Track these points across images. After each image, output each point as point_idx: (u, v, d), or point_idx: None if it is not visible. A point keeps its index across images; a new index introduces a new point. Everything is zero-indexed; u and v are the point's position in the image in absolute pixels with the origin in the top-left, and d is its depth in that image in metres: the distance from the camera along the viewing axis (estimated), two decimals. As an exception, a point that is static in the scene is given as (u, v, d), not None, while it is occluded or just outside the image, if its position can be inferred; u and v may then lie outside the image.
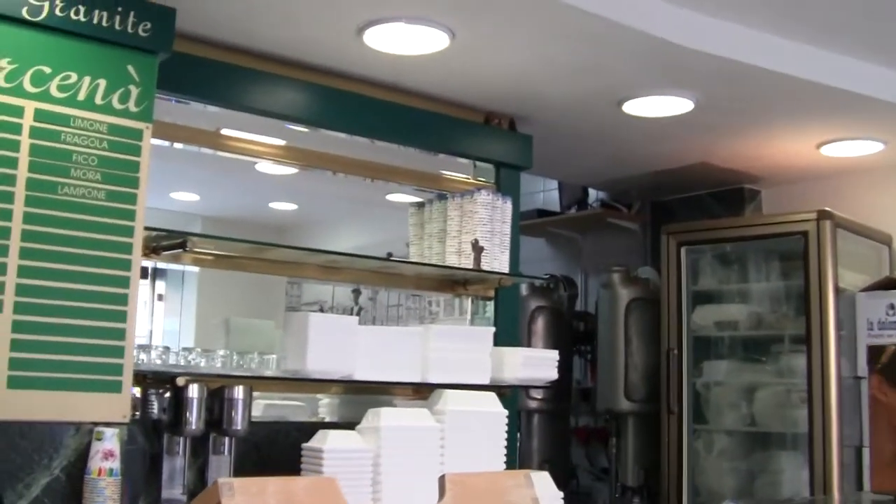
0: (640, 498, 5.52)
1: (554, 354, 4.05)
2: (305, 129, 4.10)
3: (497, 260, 4.13)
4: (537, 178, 6.33)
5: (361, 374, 3.55)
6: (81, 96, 3.11)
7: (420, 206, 4.34)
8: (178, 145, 3.82)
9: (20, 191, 2.98)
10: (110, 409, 3.03)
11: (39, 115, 3.04)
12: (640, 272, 5.80)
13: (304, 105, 3.95)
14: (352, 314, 4.86)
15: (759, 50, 3.89)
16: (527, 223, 5.66)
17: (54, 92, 3.07)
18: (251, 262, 3.82)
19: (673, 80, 4.12)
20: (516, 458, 4.38)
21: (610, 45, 3.73)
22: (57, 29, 3.06)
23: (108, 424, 3.00)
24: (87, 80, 3.12)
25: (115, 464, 2.96)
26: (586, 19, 3.45)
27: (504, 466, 3.64)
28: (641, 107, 4.41)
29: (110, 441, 2.97)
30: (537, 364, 4.01)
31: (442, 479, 1.22)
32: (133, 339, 3.11)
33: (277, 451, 3.45)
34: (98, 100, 3.14)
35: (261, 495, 1.09)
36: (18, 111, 3.01)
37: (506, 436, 3.69)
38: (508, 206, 4.23)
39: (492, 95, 4.35)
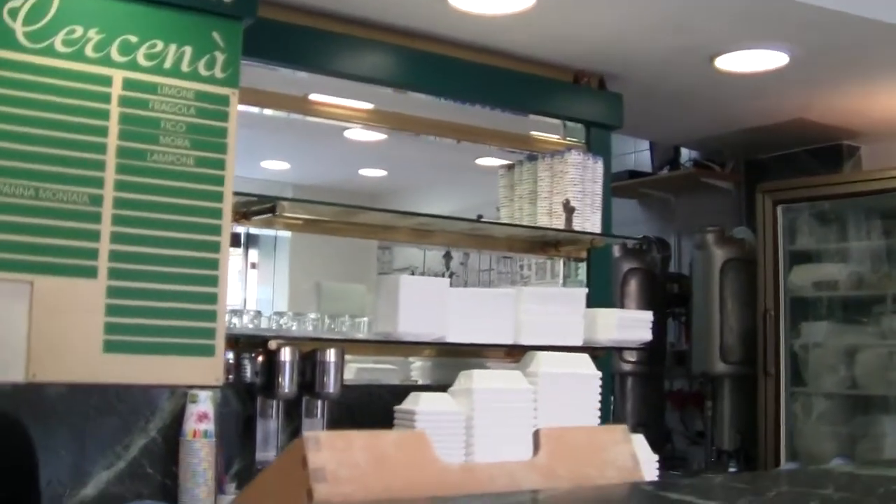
0: (737, 462, 5.44)
1: (648, 316, 3.99)
2: (393, 93, 4.07)
3: (589, 221, 4.07)
4: (628, 139, 6.23)
5: (453, 337, 3.52)
6: (168, 64, 3.13)
7: (510, 167, 4.30)
8: (267, 112, 3.82)
9: (111, 159, 3.01)
10: (204, 372, 3.06)
11: (127, 84, 3.06)
12: (735, 232, 5.69)
13: (391, 68, 3.93)
14: (443, 278, 4.86)
15: (858, -3, 3.77)
16: (618, 184, 5.58)
17: (141, 60, 3.09)
18: (342, 227, 3.82)
19: (767, 33, 4.00)
20: (610, 420, 4.33)
21: (701, -2, 3.63)
22: (143, -2, 3.08)
23: (202, 387, 3.04)
24: (172, 47, 3.14)
25: (210, 426, 2.99)
26: (676, -29, 3.37)
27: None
28: (734, 62, 4.29)
29: (204, 404, 3.00)
30: (631, 325, 3.95)
31: (537, 434, 1.19)
32: (225, 303, 3.13)
33: (370, 413, 3.45)
34: (184, 67, 3.16)
35: (348, 450, 1.07)
36: (107, 81, 3.03)
37: (599, 398, 3.64)
38: (599, 166, 4.16)
39: (580, 54, 4.28)
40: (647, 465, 3.46)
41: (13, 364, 2.82)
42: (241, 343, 3.23)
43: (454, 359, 3.84)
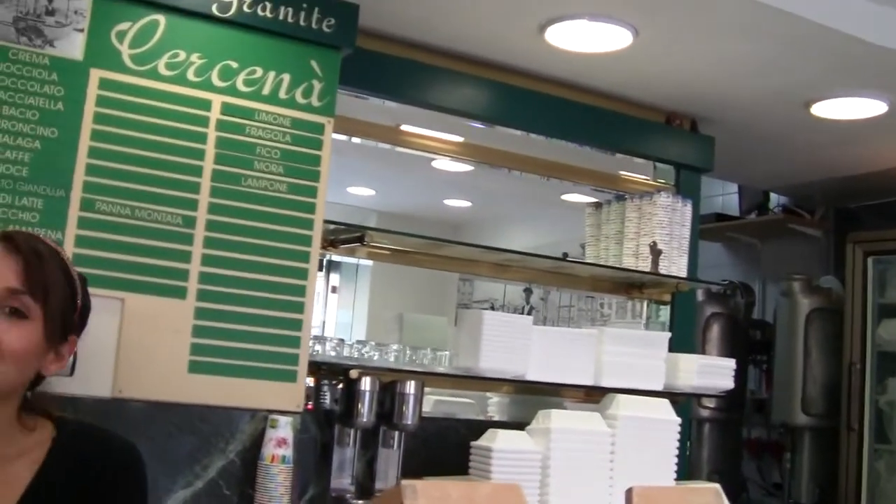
0: (814, 516, 5.33)
1: (731, 363, 3.93)
2: (483, 126, 4.08)
3: (675, 264, 4.03)
4: (717, 181, 6.17)
5: (533, 375, 3.51)
6: (266, 90, 3.18)
7: (597, 206, 4.28)
8: (356, 140, 3.86)
9: (206, 182, 3.06)
10: (285, 397, 3.09)
11: (226, 109, 3.12)
12: (823, 281, 5.59)
13: (482, 102, 3.94)
14: (523, 313, 4.85)
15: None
16: (705, 227, 5.52)
17: (240, 86, 3.14)
18: (425, 258, 3.83)
19: (866, 81, 3.94)
20: (686, 467, 4.28)
21: (799, 44, 3.58)
22: (244, 25, 3.13)
23: (282, 412, 3.05)
24: (271, 74, 3.19)
25: (288, 451, 3.00)
26: (775, 16, 3.33)
27: (674, 475, 3.55)
28: (830, 109, 4.23)
29: (284, 429, 3.02)
30: (713, 372, 3.89)
31: (629, 492, 1.18)
32: (309, 331, 3.16)
33: (446, 447, 3.44)
34: (282, 94, 3.20)
35: (444, 500, 1.07)
36: (206, 104, 3.09)
37: (677, 444, 3.60)
38: (688, 208, 4.13)
39: (674, 95, 4.25)
40: (724, 516, 3.41)
41: (100, 379, 2.87)
42: (323, 370, 3.25)
43: (533, 397, 3.82)
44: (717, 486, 1.26)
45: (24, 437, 1.74)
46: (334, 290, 6.13)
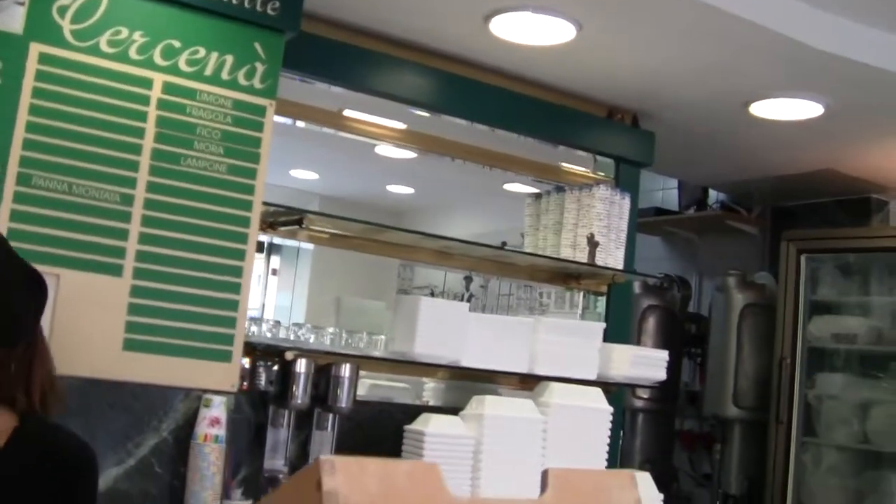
0: (743, 507, 5.42)
1: (664, 355, 3.99)
2: (427, 114, 4.10)
3: (612, 256, 4.09)
4: (657, 176, 6.24)
5: (469, 361, 3.54)
6: (209, 71, 3.17)
7: (537, 197, 4.32)
8: (300, 124, 3.86)
9: (145, 160, 3.05)
10: (220, 377, 3.10)
11: (167, 88, 3.11)
12: (757, 277, 5.68)
13: (426, 90, 3.96)
14: (462, 300, 4.87)
15: (897, 56, 3.77)
16: (644, 221, 5.59)
17: (183, 66, 3.13)
18: (366, 243, 3.85)
19: (804, 83, 4.02)
20: (618, 456, 4.34)
21: (740, 45, 3.64)
22: (188, 4, 3.12)
23: (216, 392, 3.06)
24: (214, 55, 3.18)
25: (221, 431, 3.02)
26: (718, 17, 3.38)
27: (605, 464, 3.60)
28: (769, 109, 4.31)
29: (218, 409, 3.03)
30: (646, 363, 3.95)
31: (545, 473, 1.21)
32: (246, 311, 3.17)
33: (380, 431, 3.47)
34: (224, 75, 3.20)
35: (361, 475, 1.09)
36: (148, 83, 3.08)
37: (609, 433, 3.65)
38: (627, 202, 4.18)
39: (616, 90, 4.30)
40: (652, 504, 3.47)
41: (33, 355, 2.85)
42: (259, 351, 3.26)
43: (468, 383, 3.85)
44: (633, 471, 1.30)
45: None
46: (274, 272, 6.11)
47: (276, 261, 6.21)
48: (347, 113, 3.94)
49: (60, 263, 2.90)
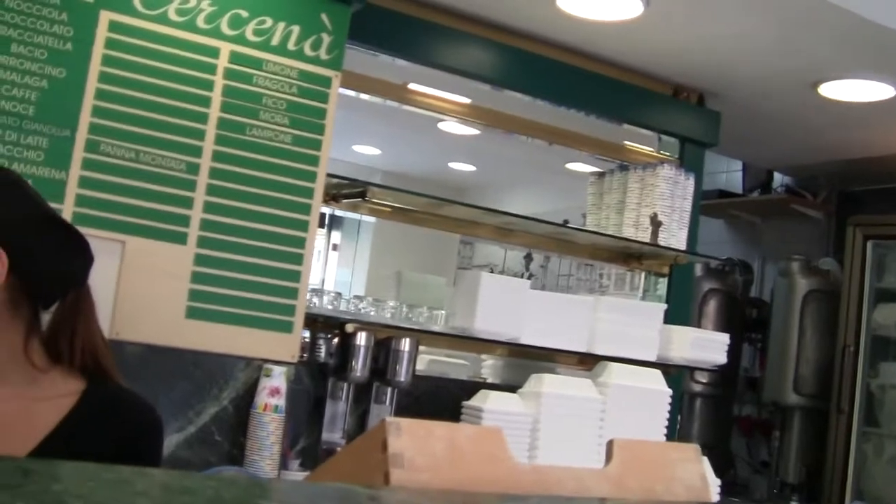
0: (800, 496, 5.36)
1: (724, 338, 3.96)
2: (490, 89, 4.08)
3: (674, 237, 4.05)
4: (721, 158, 6.16)
5: (528, 339, 3.53)
6: (275, 41, 3.18)
7: (600, 175, 4.29)
8: (364, 97, 3.86)
9: (211, 130, 3.07)
10: (280, 347, 3.11)
11: (234, 58, 3.12)
12: (822, 263, 5.60)
13: (491, 64, 3.93)
14: (522, 278, 4.87)
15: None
16: (707, 203, 5.52)
17: (249, 35, 3.14)
18: (427, 218, 3.84)
19: (875, 64, 3.93)
20: (675, 439, 4.30)
21: (810, 23, 3.58)
22: (257, -27, 3.13)
23: (276, 362, 3.08)
24: (281, 25, 3.19)
25: (281, 401, 3.03)
26: (790, -6, 3.33)
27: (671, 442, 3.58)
28: (838, 90, 4.22)
29: (278, 379, 3.04)
30: (706, 346, 3.92)
31: (610, 444, 1.21)
32: (307, 283, 3.18)
33: (438, 406, 3.47)
34: (291, 45, 3.20)
35: (427, 438, 1.08)
36: (214, 52, 3.09)
37: (667, 416, 3.63)
38: (691, 182, 4.14)
39: (682, 68, 4.25)
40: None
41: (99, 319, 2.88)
42: (319, 323, 3.27)
43: (526, 361, 3.84)
44: (697, 445, 1.28)
45: (44, 379, 1.73)
46: (335, 247, 6.15)
47: (336, 236, 6.26)
48: (411, 86, 3.93)
49: (126, 230, 2.93)
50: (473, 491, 1.11)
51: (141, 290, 2.94)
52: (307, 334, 3.23)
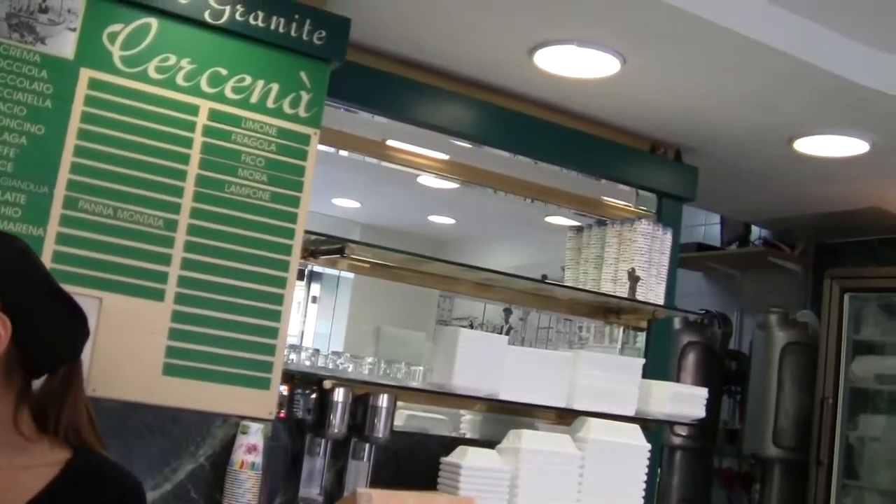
0: (781, 549, 5.35)
1: (703, 392, 3.96)
2: (469, 145, 4.11)
3: (653, 291, 4.06)
4: (699, 211, 6.21)
5: (507, 394, 3.53)
6: (254, 99, 3.20)
7: (578, 230, 4.31)
8: (343, 152, 3.88)
9: (189, 186, 3.07)
10: (258, 404, 3.10)
11: (213, 115, 3.13)
12: (800, 316, 5.63)
13: (469, 121, 3.97)
14: (502, 332, 4.87)
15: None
16: (685, 256, 5.56)
17: (229, 93, 3.16)
18: (406, 273, 3.85)
19: (850, 120, 3.99)
20: (654, 493, 4.30)
21: (785, 80, 3.63)
22: (235, 33, 3.15)
23: (254, 419, 3.07)
24: (260, 83, 3.21)
25: (258, 458, 3.02)
26: (763, 52, 3.37)
27: (642, 502, 3.58)
28: (814, 145, 4.28)
29: (255, 436, 3.03)
30: (685, 400, 3.92)
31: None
32: (285, 339, 3.17)
33: (416, 462, 3.46)
34: (270, 103, 3.22)
35: (398, 508, 1.09)
36: (194, 110, 3.11)
37: (646, 470, 3.62)
38: (668, 237, 4.16)
39: (659, 124, 4.29)
40: (689, 544, 3.44)
41: (74, 377, 2.87)
42: (297, 379, 3.27)
43: (505, 416, 3.84)
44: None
45: (31, 448, 1.72)
46: (314, 300, 6.13)
47: (316, 288, 6.24)
48: (390, 143, 3.96)
49: (103, 287, 2.92)
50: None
51: (118, 346, 2.93)
52: (284, 390, 3.22)
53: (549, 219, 4.84)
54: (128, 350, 2.95)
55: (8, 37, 2.86)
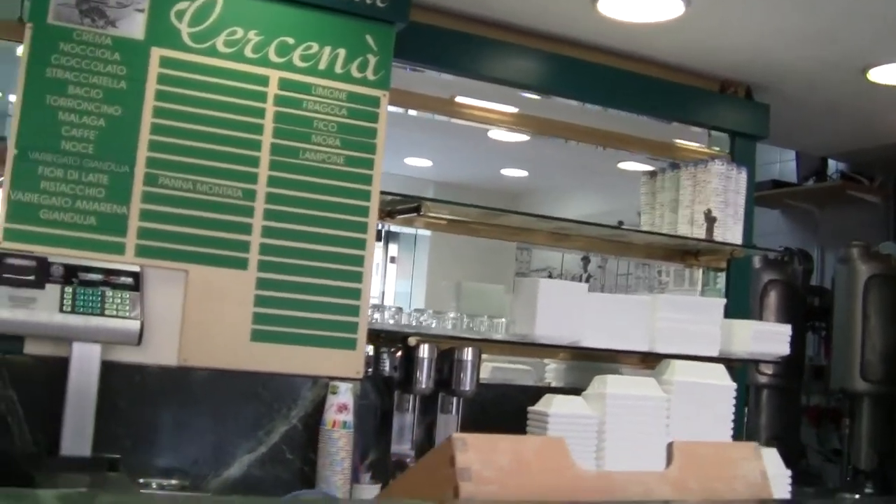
0: (873, 482, 5.30)
1: (786, 329, 3.94)
2: (538, 97, 4.11)
3: (730, 231, 4.04)
4: (773, 148, 6.13)
5: (589, 341, 3.55)
6: (322, 65, 3.24)
7: (652, 174, 4.30)
8: (412, 112, 3.91)
9: (265, 156, 3.13)
10: (345, 364, 3.17)
11: (283, 84, 3.18)
12: (882, 248, 5.54)
13: (537, 73, 3.97)
14: (580, 281, 4.89)
15: None
16: (761, 194, 5.50)
17: (297, 61, 3.20)
18: (482, 228, 3.88)
19: (923, 45, 3.91)
20: (743, 433, 4.30)
21: (854, 9, 3.56)
22: (300, 2, 3.20)
23: (342, 379, 3.13)
24: (327, 49, 3.25)
25: (349, 417, 3.08)
26: (830, -18, 3.32)
27: (731, 441, 3.58)
28: (888, 74, 4.19)
29: (345, 395, 3.10)
30: (768, 338, 3.91)
31: (670, 446, 1.25)
32: (368, 299, 3.23)
33: (503, 412, 3.50)
34: (338, 69, 3.26)
35: (492, 451, 1.13)
36: (264, 80, 3.16)
37: (733, 410, 3.63)
38: (743, 176, 4.13)
39: (728, 63, 4.25)
40: (780, 481, 3.44)
41: (167, 348, 2.97)
42: (382, 338, 3.32)
43: (589, 363, 3.86)
44: (756, 443, 1.32)
45: None
46: (393, 260, 6.20)
47: (394, 249, 6.31)
48: (459, 99, 3.98)
49: (188, 259, 3.00)
50: (541, 500, 1.15)
51: (206, 316, 3.02)
52: (370, 349, 3.28)
53: (621, 165, 4.83)
54: (216, 319, 3.03)
55: (80, 23, 2.93)
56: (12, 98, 2.96)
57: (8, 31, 3.02)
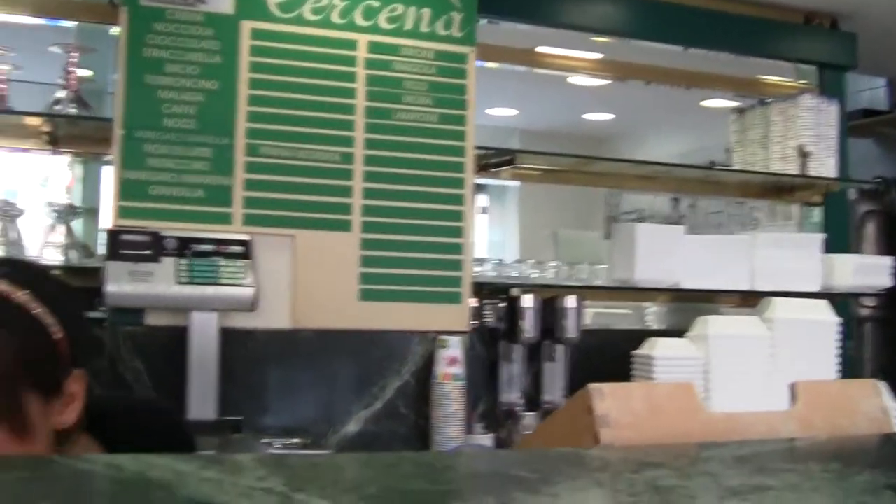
0: None
1: (887, 261, 3.91)
2: (619, 41, 4.10)
3: (824, 165, 4.01)
4: (862, 77, 6.01)
5: (689, 283, 3.57)
6: (408, 25, 3.28)
7: (741, 111, 4.27)
8: (491, 64, 3.92)
9: (359, 119, 3.19)
10: (452, 318, 3.23)
11: (372, 47, 3.23)
12: (980, 170, 5.45)
13: (615, 17, 3.95)
14: (672, 222, 4.89)
15: None
16: (853, 124, 5.42)
17: (383, 24, 3.24)
18: (572, 175, 3.91)
19: None
20: (847, 366, 4.28)
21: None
22: (383, -35, 3.23)
23: (450, 333, 3.20)
24: (412, 10, 3.28)
25: (460, 369, 3.15)
26: None
27: (835, 376, 3.58)
28: (979, -8, 4.11)
29: (455, 348, 3.16)
30: (869, 271, 3.89)
31: (793, 386, 1.28)
32: (470, 253, 3.29)
33: (608, 358, 3.53)
34: (424, 28, 3.29)
35: (627, 399, 1.18)
36: (352, 45, 3.21)
37: (837, 345, 3.62)
38: (834, 108, 4.09)
39: (812, -7, 4.19)
40: (892, 414, 3.44)
41: (279, 312, 3.06)
42: (485, 290, 3.38)
43: (689, 304, 3.88)
44: (876, 380, 1.35)
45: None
46: (484, 210, 6.26)
47: (483, 199, 6.36)
48: (539, 49, 3.98)
49: (294, 225, 3.08)
50: (676, 442, 1.20)
51: (314, 279, 3.10)
52: (475, 302, 3.34)
53: (706, 103, 4.80)
54: (324, 281, 3.11)
55: (172, 2, 3.00)
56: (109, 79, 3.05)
57: (99, 14, 3.12)
